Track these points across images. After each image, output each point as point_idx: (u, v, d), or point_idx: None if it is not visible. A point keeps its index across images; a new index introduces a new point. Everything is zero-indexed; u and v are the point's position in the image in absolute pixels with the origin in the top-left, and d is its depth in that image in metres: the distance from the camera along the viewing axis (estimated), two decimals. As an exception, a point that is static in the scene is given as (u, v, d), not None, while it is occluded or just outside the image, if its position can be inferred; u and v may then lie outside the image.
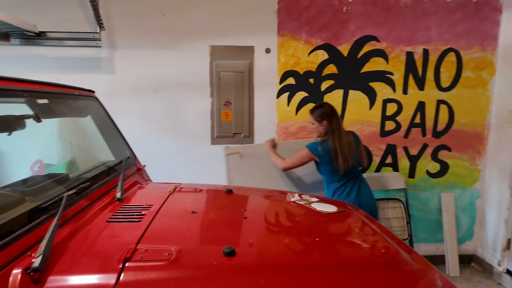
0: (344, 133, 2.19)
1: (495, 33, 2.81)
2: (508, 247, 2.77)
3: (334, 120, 2.18)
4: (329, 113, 2.20)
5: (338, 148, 2.12)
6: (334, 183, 2.27)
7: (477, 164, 3.00)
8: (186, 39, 2.68)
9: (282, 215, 1.39)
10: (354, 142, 2.21)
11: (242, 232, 1.13)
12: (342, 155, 2.12)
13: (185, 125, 2.79)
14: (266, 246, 1.05)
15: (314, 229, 1.25)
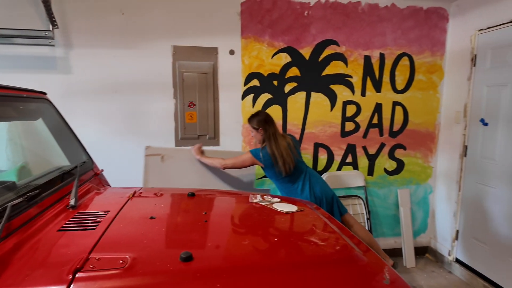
0: (280, 137, 2.33)
1: (443, 39, 3.03)
2: (457, 237, 3.00)
3: (268, 127, 2.32)
4: (264, 121, 2.34)
5: (276, 152, 2.26)
6: (285, 185, 2.39)
7: (430, 162, 3.22)
8: (147, 39, 2.62)
9: (242, 217, 1.41)
10: (292, 144, 2.37)
11: (201, 236, 1.13)
12: (281, 158, 2.26)
13: (148, 127, 2.72)
14: (224, 249, 1.06)
15: (273, 230, 1.28)
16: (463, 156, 2.88)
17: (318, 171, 3.08)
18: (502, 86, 2.48)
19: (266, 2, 2.73)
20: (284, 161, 2.27)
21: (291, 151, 2.33)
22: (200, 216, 1.32)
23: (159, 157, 2.52)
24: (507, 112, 2.44)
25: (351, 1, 2.85)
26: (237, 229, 1.25)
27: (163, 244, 1.06)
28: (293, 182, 2.39)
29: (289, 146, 2.34)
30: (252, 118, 2.39)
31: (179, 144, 2.77)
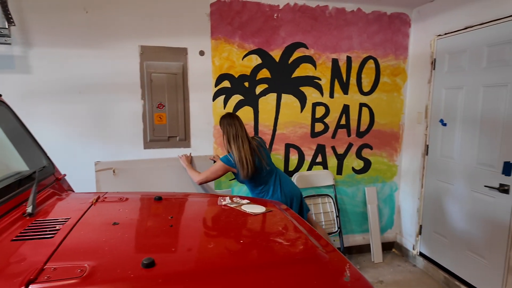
0: (244, 139, 2.31)
1: (406, 44, 3.17)
2: (420, 232, 3.16)
3: (230, 128, 2.33)
4: (224, 122, 2.38)
5: (236, 155, 2.29)
6: (257, 188, 2.42)
7: (395, 160, 3.36)
8: (113, 38, 2.55)
9: (209, 220, 1.41)
10: (259, 146, 2.39)
11: (165, 241, 1.12)
12: (240, 161, 2.27)
13: (115, 129, 2.64)
14: (188, 253, 1.06)
15: (240, 232, 1.29)
16: (425, 155, 3.03)
17: (289, 171, 3.13)
18: (458, 89, 2.64)
19: (236, 3, 2.74)
20: (243, 165, 2.26)
21: (256, 153, 2.34)
22: (166, 220, 1.31)
23: (111, 171, 2.48)
24: (463, 114, 2.60)
25: (319, 5, 2.92)
26: (203, 233, 1.24)
27: (125, 251, 1.04)
28: (264, 184, 2.42)
29: (256, 148, 2.36)
30: (220, 121, 2.44)
31: (147, 146, 2.71)
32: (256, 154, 2.35)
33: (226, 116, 2.42)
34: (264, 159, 2.39)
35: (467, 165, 2.57)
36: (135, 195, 1.70)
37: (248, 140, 2.35)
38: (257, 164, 2.34)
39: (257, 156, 2.35)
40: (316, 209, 3.15)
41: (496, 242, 2.35)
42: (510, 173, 2.23)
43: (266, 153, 2.46)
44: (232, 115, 2.42)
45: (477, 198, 2.50)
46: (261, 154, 2.38)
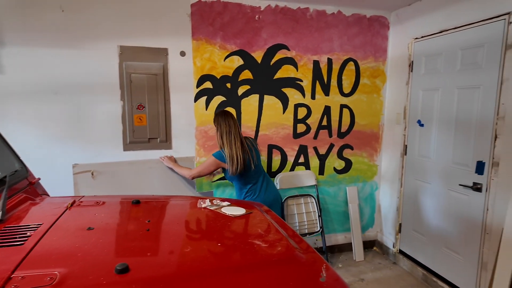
0: (236, 137, 2.34)
1: (385, 46, 3.25)
2: (400, 230, 3.23)
3: (222, 123, 2.36)
4: (217, 118, 2.40)
5: (227, 151, 2.32)
6: (245, 186, 2.43)
7: (375, 160, 3.43)
8: (91, 38, 2.49)
9: (188, 223, 1.39)
10: (246, 147, 2.39)
11: (141, 246, 1.10)
12: (230, 157, 2.30)
13: (93, 131, 2.58)
14: (164, 258, 1.04)
15: (218, 235, 1.28)
16: (403, 155, 3.11)
17: (272, 172, 3.15)
18: (434, 90, 2.72)
19: (217, 4, 2.73)
20: (233, 161, 2.30)
21: (247, 152, 2.37)
22: (143, 224, 1.29)
23: (89, 174, 2.44)
24: (439, 115, 2.68)
25: (300, 7, 2.94)
26: (180, 236, 1.23)
27: (99, 256, 1.02)
28: (252, 184, 2.44)
29: (247, 147, 2.38)
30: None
31: (127, 148, 2.67)
32: (247, 153, 2.37)
33: (221, 113, 2.42)
34: (254, 159, 2.41)
35: (443, 164, 2.65)
36: (113, 198, 1.67)
37: (240, 138, 2.37)
38: (247, 162, 2.37)
39: (248, 155, 2.37)
40: (298, 209, 3.17)
41: (470, 239, 2.43)
42: (483, 172, 2.32)
43: (256, 154, 2.48)
44: (227, 113, 2.42)
45: (453, 196, 2.58)
46: (251, 153, 2.41)
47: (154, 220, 1.36)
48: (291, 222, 3.12)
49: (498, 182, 2.20)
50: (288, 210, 3.14)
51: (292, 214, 3.14)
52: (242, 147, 2.35)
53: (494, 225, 2.23)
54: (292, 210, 3.15)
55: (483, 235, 2.33)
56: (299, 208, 3.18)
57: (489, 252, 2.28)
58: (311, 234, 3.16)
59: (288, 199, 3.15)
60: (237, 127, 2.39)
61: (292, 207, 3.16)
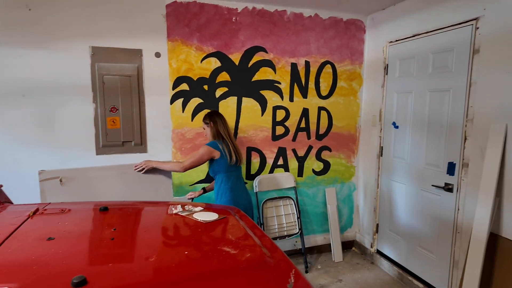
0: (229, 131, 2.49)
1: (361, 49, 3.30)
2: (377, 230, 3.29)
3: (218, 119, 2.47)
4: (213, 114, 2.50)
5: (228, 141, 2.43)
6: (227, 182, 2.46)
7: (352, 161, 3.47)
8: (61, 38, 2.40)
9: (156, 230, 1.35)
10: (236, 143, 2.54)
11: (102, 256, 1.06)
12: (232, 146, 2.43)
13: (63, 135, 2.49)
14: (126, 269, 1.00)
15: (186, 242, 1.25)
16: (379, 156, 3.16)
17: (251, 174, 3.13)
18: (408, 93, 2.78)
19: (193, 5, 2.69)
20: (230, 152, 2.41)
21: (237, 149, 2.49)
22: (108, 233, 1.24)
23: (58, 180, 2.33)
24: (413, 117, 2.74)
25: (278, 10, 2.95)
26: (145, 245, 1.19)
27: (56, 269, 0.97)
28: (234, 181, 2.47)
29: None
30: (204, 116, 2.54)
31: (100, 152, 2.58)
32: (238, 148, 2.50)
33: (214, 111, 2.55)
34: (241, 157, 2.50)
35: (417, 165, 2.71)
36: (80, 205, 1.61)
37: (231, 134, 2.51)
38: (237, 158, 2.46)
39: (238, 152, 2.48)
40: (278, 211, 3.17)
41: (443, 238, 2.50)
42: (454, 173, 2.38)
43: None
44: (219, 113, 2.55)
45: (426, 196, 2.64)
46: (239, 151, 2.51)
47: (121, 228, 1.31)
48: (270, 224, 3.11)
49: (468, 183, 2.26)
50: (267, 212, 3.13)
51: (271, 216, 3.14)
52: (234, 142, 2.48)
53: (465, 225, 2.29)
54: (271, 213, 3.14)
55: (454, 234, 2.40)
56: (278, 211, 3.18)
57: (460, 251, 2.35)
58: (290, 236, 3.17)
59: (267, 201, 3.14)
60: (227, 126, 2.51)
61: (271, 210, 3.15)
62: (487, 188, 2.04)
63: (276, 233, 3.13)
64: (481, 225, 2.05)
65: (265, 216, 3.11)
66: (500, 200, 2.05)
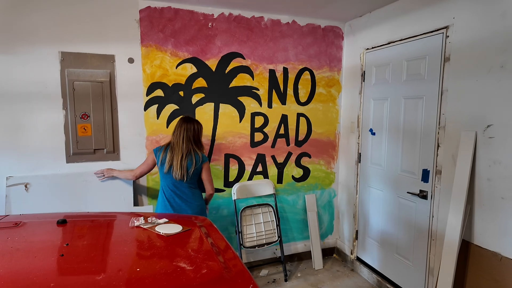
0: (179, 146, 2.29)
1: (340, 56, 3.31)
2: (356, 237, 3.27)
3: (177, 128, 2.34)
4: (179, 120, 2.38)
5: (173, 152, 2.29)
6: (165, 190, 2.36)
7: (332, 168, 3.46)
8: (29, 42, 2.33)
9: (111, 246, 1.30)
10: (185, 155, 2.29)
11: (46, 275, 1.00)
12: (171, 160, 2.28)
13: (32, 142, 2.41)
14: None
15: (141, 258, 1.20)
16: (358, 163, 3.16)
17: (230, 182, 3.09)
18: (383, 100, 2.79)
19: (167, 11, 2.66)
20: (169, 160, 2.28)
21: (181, 160, 2.27)
22: (59, 248, 1.18)
23: (23, 187, 2.27)
24: (388, 124, 2.75)
25: (255, 16, 2.93)
26: (97, 262, 1.13)
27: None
28: (172, 190, 2.34)
29: (186, 158, 2.29)
30: None
31: (71, 160, 2.50)
32: (180, 160, 2.27)
33: (182, 118, 2.39)
34: (181, 170, 2.28)
35: (393, 172, 2.72)
36: (37, 218, 1.53)
37: (184, 144, 2.29)
38: (171, 167, 2.30)
39: (178, 162, 2.27)
40: (256, 219, 3.13)
41: (418, 245, 2.49)
42: (428, 180, 2.39)
43: (191, 168, 2.31)
44: (189, 119, 2.37)
45: (402, 203, 2.64)
46: (185, 164, 2.29)
47: (74, 243, 1.25)
48: (249, 232, 3.06)
49: (441, 190, 2.27)
50: (246, 220, 3.08)
51: (250, 224, 3.09)
52: (180, 152, 2.27)
53: (439, 232, 2.30)
54: (250, 220, 3.10)
55: (429, 242, 2.39)
56: (257, 218, 3.13)
57: (435, 258, 2.35)
58: (269, 244, 3.12)
59: (246, 209, 3.09)
60: (190, 134, 2.31)
61: (250, 217, 3.11)
62: (458, 195, 2.05)
63: (255, 241, 3.08)
64: (453, 232, 2.05)
65: (243, 224, 3.06)
66: (472, 207, 2.06)
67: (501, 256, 1.89)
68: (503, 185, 1.87)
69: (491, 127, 1.93)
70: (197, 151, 2.34)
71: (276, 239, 3.16)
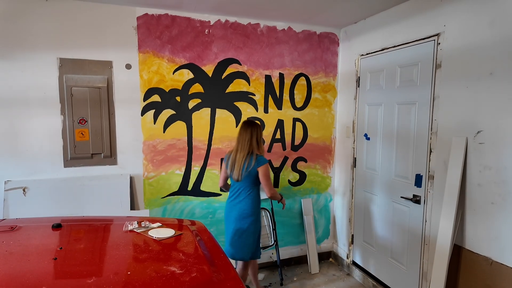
0: (240, 148, 2.43)
1: (335, 62, 3.35)
2: (352, 241, 3.29)
3: (238, 133, 2.47)
4: (241, 125, 2.50)
5: (234, 156, 2.45)
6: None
7: (328, 172, 3.49)
8: (28, 49, 2.37)
9: (105, 249, 1.33)
10: (243, 158, 2.40)
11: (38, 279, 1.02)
12: (233, 163, 2.44)
13: (30, 147, 2.45)
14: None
15: (133, 261, 1.22)
16: (353, 167, 3.19)
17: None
18: (378, 105, 2.82)
19: (165, 18, 2.70)
20: (232, 163, 2.45)
21: (240, 162, 2.40)
22: (53, 252, 1.21)
23: (21, 191, 2.30)
24: (383, 129, 2.78)
25: (251, 23, 2.98)
26: (89, 265, 1.16)
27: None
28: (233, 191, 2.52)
29: (244, 160, 2.40)
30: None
31: (68, 164, 2.54)
32: (239, 162, 2.40)
33: (245, 122, 2.50)
34: (239, 171, 2.41)
35: (387, 176, 2.74)
36: (34, 222, 1.56)
37: (244, 147, 2.42)
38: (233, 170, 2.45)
39: (238, 164, 2.41)
40: (252, 223, 3.14)
41: (412, 250, 2.51)
42: (421, 185, 2.41)
43: (247, 170, 2.41)
44: (250, 123, 2.47)
45: (396, 208, 2.66)
46: (242, 166, 2.40)
47: (68, 247, 1.28)
48: (245, 236, 3.08)
49: (434, 195, 2.29)
50: (242, 224, 3.09)
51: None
52: (242, 154, 2.39)
53: (432, 236, 2.32)
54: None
55: (423, 246, 2.41)
56: (253, 222, 3.15)
57: (428, 263, 2.36)
58: (265, 248, 3.14)
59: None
60: (249, 137, 2.41)
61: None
62: (449, 200, 2.07)
63: (251, 245, 3.10)
64: (445, 237, 2.08)
65: (239, 228, 3.07)
66: (463, 212, 2.08)
67: (491, 260, 1.91)
68: (493, 190, 1.90)
69: (481, 133, 1.96)
70: (256, 154, 2.41)
71: (272, 243, 3.18)
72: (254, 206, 2.46)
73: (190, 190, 2.98)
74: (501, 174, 1.85)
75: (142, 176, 2.78)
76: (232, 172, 2.43)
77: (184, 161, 2.92)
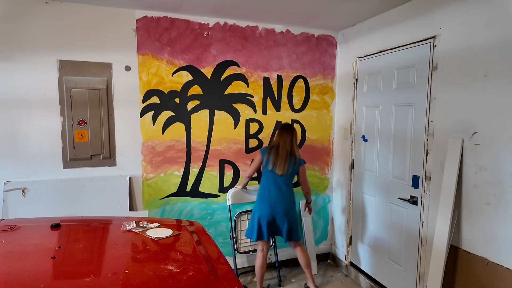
0: (281, 148, 2.65)
1: (333, 64, 3.37)
2: (350, 243, 3.30)
3: (277, 135, 2.71)
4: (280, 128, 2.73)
5: (279, 152, 2.64)
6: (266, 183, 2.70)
7: (327, 173, 3.50)
8: (27, 51, 2.39)
9: (103, 249, 1.34)
10: (288, 157, 2.64)
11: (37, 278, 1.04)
12: (276, 159, 2.64)
13: (30, 148, 2.46)
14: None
15: (131, 261, 1.24)
16: (351, 169, 3.20)
17: (225, 187, 3.13)
18: (375, 107, 2.84)
19: (164, 20, 2.73)
20: (274, 159, 2.63)
21: (284, 160, 2.62)
22: (51, 251, 1.22)
23: (20, 192, 2.32)
24: (380, 130, 2.80)
25: (249, 25, 3.00)
26: (87, 264, 1.18)
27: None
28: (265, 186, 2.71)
29: (289, 159, 2.64)
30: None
31: (67, 165, 2.55)
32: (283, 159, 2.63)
33: (282, 126, 2.73)
34: (283, 169, 2.63)
35: (384, 178, 2.76)
36: (32, 222, 1.58)
37: (286, 147, 2.65)
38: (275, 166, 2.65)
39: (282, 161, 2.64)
40: (251, 224, 3.15)
41: (409, 251, 2.52)
42: (418, 186, 2.43)
43: (290, 169, 2.66)
44: (284, 125, 2.72)
45: (394, 209, 2.68)
46: (286, 164, 2.64)
47: (66, 246, 1.29)
48: (243, 238, 3.09)
49: (431, 196, 2.31)
50: (241, 225, 3.11)
51: (245, 229, 3.12)
52: (285, 152, 2.62)
53: (429, 237, 2.33)
54: (245, 226, 3.13)
55: (420, 247, 2.43)
56: (251, 223, 3.16)
57: (425, 263, 2.37)
58: (263, 249, 3.14)
59: (241, 214, 3.13)
60: (294, 139, 2.66)
61: (245, 223, 3.14)
62: (446, 201, 2.09)
63: (250, 247, 3.11)
64: (441, 237, 2.09)
65: (238, 229, 3.09)
66: (459, 213, 2.10)
67: (487, 261, 1.93)
68: (488, 191, 1.91)
69: (476, 134, 1.98)
70: (297, 154, 2.69)
71: (270, 244, 3.19)
72: (294, 198, 2.79)
73: (188, 191, 3.00)
74: (496, 175, 1.87)
75: (141, 177, 2.79)
76: (275, 166, 2.61)
77: (183, 162, 2.94)
